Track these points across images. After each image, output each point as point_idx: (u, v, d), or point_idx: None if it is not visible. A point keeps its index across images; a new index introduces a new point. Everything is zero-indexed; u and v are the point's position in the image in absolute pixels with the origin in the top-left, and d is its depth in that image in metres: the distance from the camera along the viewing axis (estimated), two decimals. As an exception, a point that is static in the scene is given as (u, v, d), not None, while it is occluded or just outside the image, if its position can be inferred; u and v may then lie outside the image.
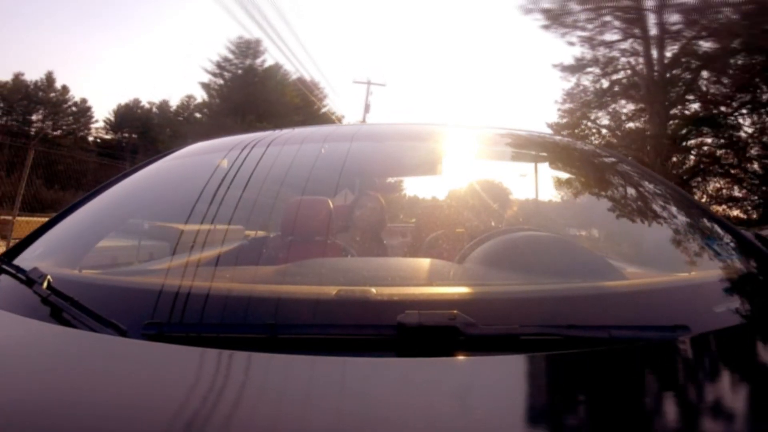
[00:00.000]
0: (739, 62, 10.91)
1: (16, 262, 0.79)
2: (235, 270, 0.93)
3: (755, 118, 11.44)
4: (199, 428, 0.40)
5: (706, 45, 10.85)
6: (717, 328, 0.58)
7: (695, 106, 11.99)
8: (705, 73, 11.59)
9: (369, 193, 1.39)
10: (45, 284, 0.64)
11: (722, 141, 11.80)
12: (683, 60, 11.46)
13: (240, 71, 23.03)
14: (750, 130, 11.49)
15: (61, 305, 0.60)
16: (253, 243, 1.23)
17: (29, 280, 0.66)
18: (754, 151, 11.43)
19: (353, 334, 0.54)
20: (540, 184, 1.50)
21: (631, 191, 1.06)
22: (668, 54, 11.46)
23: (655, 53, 11.50)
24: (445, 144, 1.25)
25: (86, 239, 0.93)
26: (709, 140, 12.00)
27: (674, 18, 10.62)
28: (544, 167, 1.43)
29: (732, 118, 11.59)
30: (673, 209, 1.00)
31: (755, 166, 11.50)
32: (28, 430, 0.41)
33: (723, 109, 11.60)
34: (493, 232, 0.90)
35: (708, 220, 0.94)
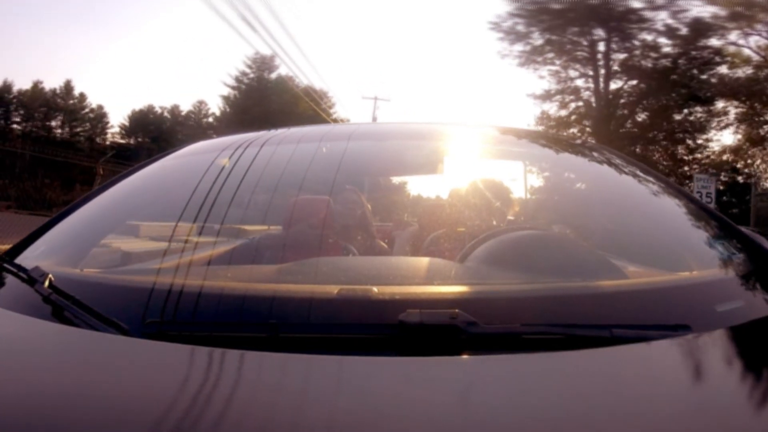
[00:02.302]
0: (662, 102, 15.35)
1: (18, 260, 0.79)
2: (236, 269, 0.93)
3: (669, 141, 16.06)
4: (201, 427, 0.40)
5: (637, 87, 15.49)
6: (718, 327, 0.58)
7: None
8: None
9: (347, 187, 1.38)
10: (46, 283, 0.64)
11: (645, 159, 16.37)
12: (621, 98, 15.97)
13: (254, 83, 25.10)
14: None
15: (63, 304, 0.60)
16: (254, 242, 1.23)
17: (31, 278, 0.66)
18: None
19: (355, 333, 0.54)
20: (541, 183, 1.50)
21: (632, 190, 1.06)
22: (613, 88, 15.92)
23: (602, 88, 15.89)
24: (446, 142, 1.25)
25: (88, 238, 0.94)
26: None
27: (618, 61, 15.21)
28: (546, 166, 1.43)
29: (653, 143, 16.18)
30: (675, 208, 0.99)
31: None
32: (30, 428, 0.41)
33: (651, 135, 15.91)
34: (495, 231, 0.90)
35: (710, 219, 0.94)
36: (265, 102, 22.86)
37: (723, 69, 14.20)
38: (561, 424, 0.41)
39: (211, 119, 31.32)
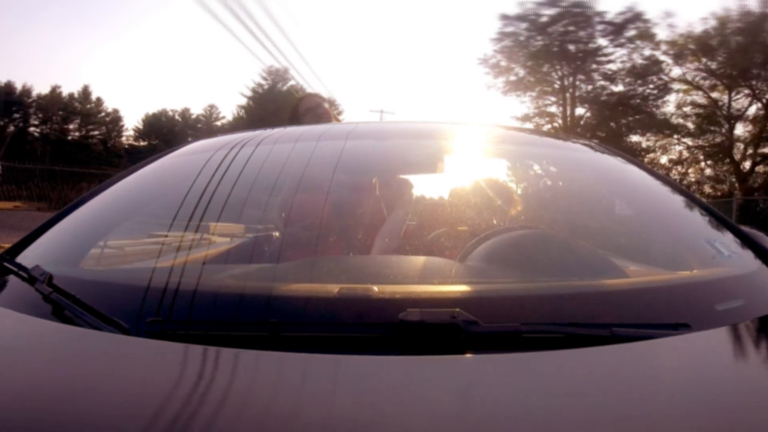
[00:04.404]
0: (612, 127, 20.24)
1: (18, 259, 0.79)
2: (237, 267, 0.93)
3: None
4: (202, 426, 0.40)
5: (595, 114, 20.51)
6: (719, 326, 0.58)
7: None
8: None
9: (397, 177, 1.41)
10: (47, 282, 0.64)
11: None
12: (584, 122, 20.62)
13: (268, 94, 27.80)
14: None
15: (63, 303, 0.60)
16: (253, 240, 1.23)
17: (31, 277, 0.66)
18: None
19: (355, 332, 0.55)
20: (542, 181, 1.49)
21: (633, 189, 1.06)
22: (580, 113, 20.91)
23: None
24: (446, 141, 1.25)
25: (88, 237, 0.93)
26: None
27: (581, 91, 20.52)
28: (546, 164, 1.42)
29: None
30: (675, 207, 0.99)
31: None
32: (31, 427, 0.41)
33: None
34: (495, 230, 0.90)
35: (710, 218, 0.94)
36: (280, 112, 24.24)
37: (672, 97, 19.60)
38: (562, 423, 0.41)
39: (221, 123, 33.93)
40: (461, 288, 0.68)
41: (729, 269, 0.79)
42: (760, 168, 18.98)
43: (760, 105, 17.74)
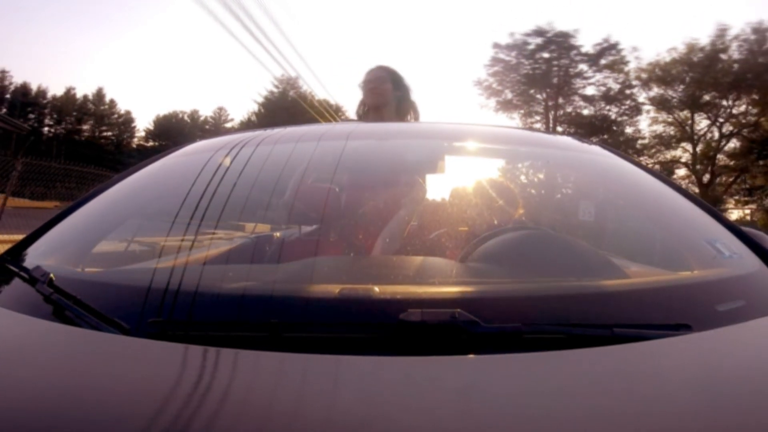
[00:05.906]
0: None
1: (19, 260, 0.79)
2: (239, 268, 0.93)
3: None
4: (202, 427, 0.40)
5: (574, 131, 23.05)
6: (719, 326, 0.58)
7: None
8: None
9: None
10: (48, 283, 0.64)
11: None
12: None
13: (279, 101, 29.93)
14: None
15: (65, 303, 0.60)
16: (255, 241, 1.23)
17: (32, 278, 0.66)
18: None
19: (356, 332, 0.55)
20: (543, 182, 1.49)
21: (633, 189, 1.06)
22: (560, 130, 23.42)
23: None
24: (447, 141, 1.25)
25: (89, 237, 0.93)
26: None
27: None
28: (548, 165, 1.42)
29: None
30: (676, 207, 0.99)
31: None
32: (33, 428, 0.41)
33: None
34: (496, 230, 0.90)
35: (710, 218, 0.94)
36: (292, 120, 25.29)
37: (642, 117, 23.17)
38: (562, 424, 0.41)
39: (230, 125, 35.42)
40: (462, 288, 0.68)
41: (729, 270, 0.79)
42: (723, 179, 22.41)
43: (715, 127, 21.86)
